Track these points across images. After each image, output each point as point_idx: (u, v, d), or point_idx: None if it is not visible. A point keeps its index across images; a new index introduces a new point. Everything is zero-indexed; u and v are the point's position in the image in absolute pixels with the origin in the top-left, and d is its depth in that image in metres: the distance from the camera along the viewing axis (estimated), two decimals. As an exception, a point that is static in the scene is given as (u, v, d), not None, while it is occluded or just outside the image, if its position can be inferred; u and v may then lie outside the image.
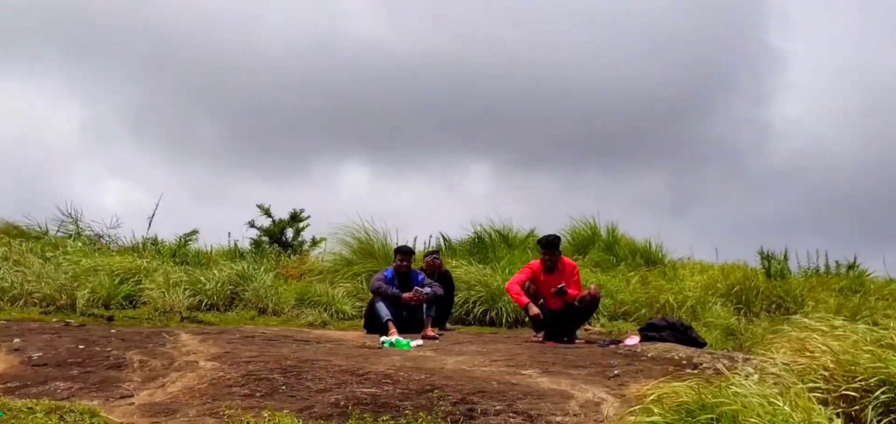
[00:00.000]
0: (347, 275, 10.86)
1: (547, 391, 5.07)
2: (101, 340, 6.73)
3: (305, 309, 9.65)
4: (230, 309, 10.04)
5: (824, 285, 9.50)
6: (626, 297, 8.82)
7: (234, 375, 5.38)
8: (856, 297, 7.74)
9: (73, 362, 5.81)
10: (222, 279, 10.39)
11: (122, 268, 10.67)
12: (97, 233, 13.24)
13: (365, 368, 5.56)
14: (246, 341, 6.99)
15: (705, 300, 8.51)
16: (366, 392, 4.92)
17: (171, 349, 6.42)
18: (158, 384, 5.30)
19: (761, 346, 5.36)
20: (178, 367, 5.72)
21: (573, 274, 7.82)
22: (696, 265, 11.02)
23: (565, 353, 6.59)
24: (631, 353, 6.44)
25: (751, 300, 8.68)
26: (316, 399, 4.84)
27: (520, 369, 5.75)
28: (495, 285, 9.25)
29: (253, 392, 5.00)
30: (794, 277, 10.59)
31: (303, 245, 13.48)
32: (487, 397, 4.84)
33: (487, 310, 9.01)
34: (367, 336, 7.75)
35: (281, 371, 5.47)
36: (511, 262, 10.11)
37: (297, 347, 6.68)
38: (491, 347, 6.92)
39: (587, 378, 5.44)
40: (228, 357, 5.99)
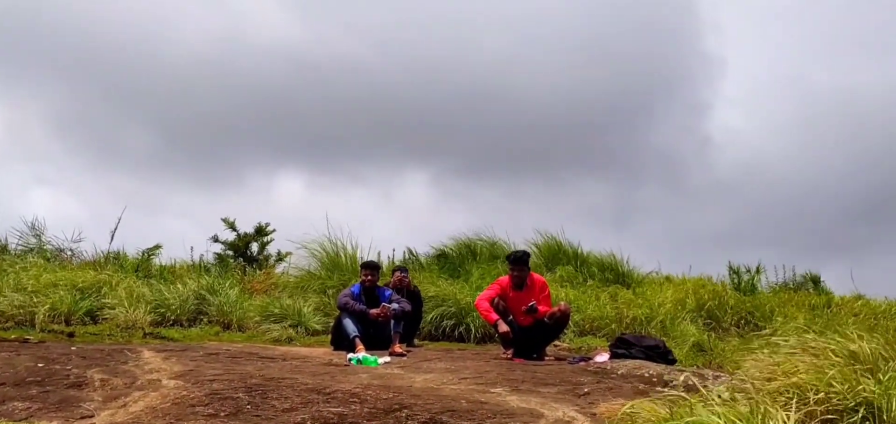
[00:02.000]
0: (314, 289, 10.74)
1: (516, 410, 5.03)
2: (61, 358, 6.54)
3: (271, 324, 9.52)
4: (194, 324, 9.86)
5: (793, 301, 9.61)
6: (595, 313, 8.84)
7: (198, 394, 5.25)
8: (825, 313, 7.79)
9: (31, 381, 5.62)
10: (186, 294, 10.21)
11: (83, 283, 10.43)
12: (59, 248, 12.95)
13: (331, 387, 5.48)
14: (210, 358, 6.85)
15: (675, 315, 8.55)
16: (332, 411, 4.83)
17: (133, 367, 6.27)
18: (120, 403, 5.15)
19: (732, 363, 5.40)
20: (140, 386, 5.58)
21: (543, 290, 7.80)
22: (664, 280, 11.10)
23: (535, 371, 6.56)
24: (601, 370, 6.44)
25: (720, 316, 8.74)
26: (281, 418, 4.74)
27: (489, 387, 5.71)
28: (464, 300, 9.21)
29: (217, 412, 4.88)
30: (764, 293, 10.70)
31: (268, 259, 13.33)
32: (456, 416, 4.79)
33: (456, 325, 8.97)
34: (334, 352, 7.66)
35: (246, 389, 5.36)
36: (480, 277, 10.09)
37: (263, 365, 6.57)
38: (459, 364, 6.86)
39: (557, 396, 5.42)
40: (192, 376, 5.86)
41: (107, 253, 12.58)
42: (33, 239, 12.87)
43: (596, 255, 11.72)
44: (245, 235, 13.22)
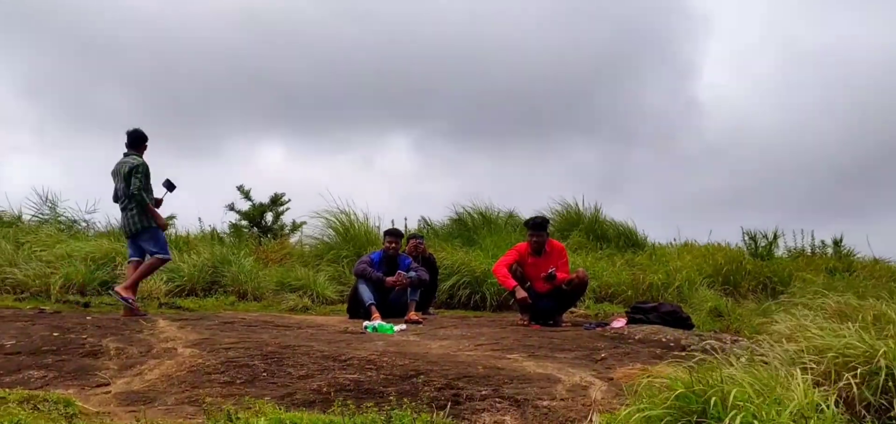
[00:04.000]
0: (329, 259, 10.71)
1: (533, 375, 4.99)
2: (76, 327, 6.55)
3: (286, 293, 9.51)
4: (209, 294, 9.87)
5: (811, 265, 9.46)
6: (612, 279, 8.75)
7: (214, 362, 5.24)
8: (844, 277, 7.65)
9: (47, 350, 5.64)
10: (201, 264, 10.21)
11: (97, 253, 10.45)
12: (73, 219, 12.99)
13: (347, 354, 5.45)
14: (225, 327, 6.84)
15: (692, 281, 8.44)
16: (349, 378, 4.80)
17: (148, 335, 6.27)
18: (136, 371, 5.15)
19: (750, 328, 5.32)
20: (155, 354, 5.57)
21: (561, 256, 7.71)
22: (681, 246, 10.98)
23: (551, 337, 6.51)
24: (618, 336, 6.37)
25: (738, 281, 8.62)
26: (297, 385, 4.72)
27: (505, 353, 5.66)
28: (480, 268, 9.15)
29: (233, 379, 4.87)
30: (781, 258, 10.56)
31: (282, 229, 13.31)
32: (473, 382, 4.75)
33: (472, 294, 8.91)
34: (350, 321, 7.63)
35: (262, 357, 5.35)
36: (495, 245, 10.01)
37: (278, 333, 6.55)
38: (476, 331, 6.82)
39: (574, 361, 5.36)
40: (207, 344, 5.84)
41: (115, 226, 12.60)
42: (47, 210, 12.91)
43: (612, 221, 11.63)
44: (260, 205, 13.20)
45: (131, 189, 7.34)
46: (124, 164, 7.37)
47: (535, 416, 4.32)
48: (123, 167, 7.35)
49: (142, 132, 7.56)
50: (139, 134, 7.52)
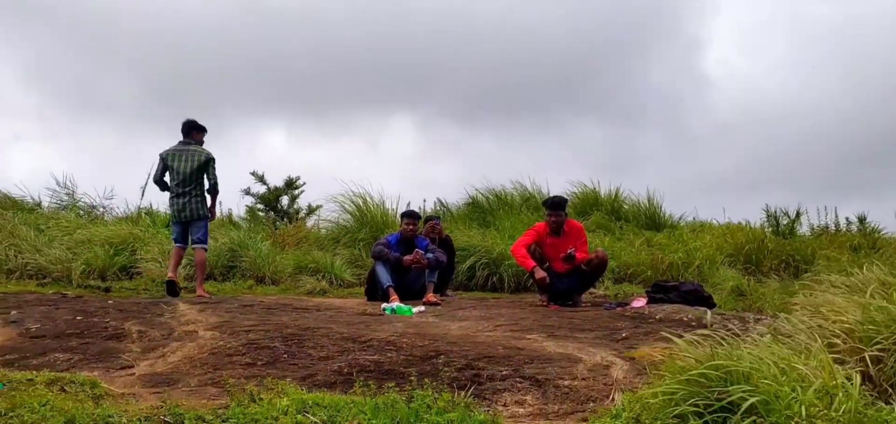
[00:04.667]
0: (345, 242, 10.72)
1: (554, 355, 4.97)
2: (98, 311, 6.62)
3: (304, 276, 9.54)
4: (227, 278, 9.94)
5: (835, 243, 9.31)
6: (631, 260, 8.69)
7: (235, 344, 5.27)
8: (870, 254, 7.51)
9: (71, 333, 5.70)
10: (219, 249, 10.27)
11: (116, 239, 10.54)
12: (91, 204, 13.11)
13: (367, 335, 5.46)
14: (245, 310, 6.88)
15: (712, 260, 8.36)
16: (369, 359, 4.81)
17: (169, 319, 6.32)
18: (158, 354, 5.19)
19: (773, 307, 5.26)
20: (177, 337, 5.61)
21: (580, 236, 7.66)
22: (700, 226, 10.88)
23: (571, 317, 6.48)
24: (638, 315, 6.34)
25: (760, 260, 8.51)
26: (318, 366, 4.73)
27: (525, 333, 5.65)
28: (497, 250, 9.12)
29: (254, 360, 4.89)
30: (804, 236, 10.42)
31: (298, 212, 13.34)
32: (493, 362, 4.75)
33: (490, 275, 8.89)
34: (368, 303, 7.64)
35: (282, 339, 5.37)
36: (512, 226, 9.98)
37: (297, 315, 6.57)
38: (494, 312, 6.80)
39: (594, 341, 5.34)
40: (228, 327, 5.88)
41: (138, 209, 12.70)
42: (66, 196, 13.03)
43: (632, 201, 11.54)
44: (275, 189, 13.23)
45: (212, 180, 7.85)
46: (194, 154, 7.73)
47: (556, 395, 4.31)
48: (196, 156, 7.72)
49: (198, 123, 7.92)
50: (196, 124, 7.85)
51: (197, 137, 7.91)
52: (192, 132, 7.87)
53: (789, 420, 3.23)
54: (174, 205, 7.76)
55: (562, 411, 4.12)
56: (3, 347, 5.35)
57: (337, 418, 3.73)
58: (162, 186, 8.00)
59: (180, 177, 7.68)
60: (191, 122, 7.88)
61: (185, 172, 7.67)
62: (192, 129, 7.86)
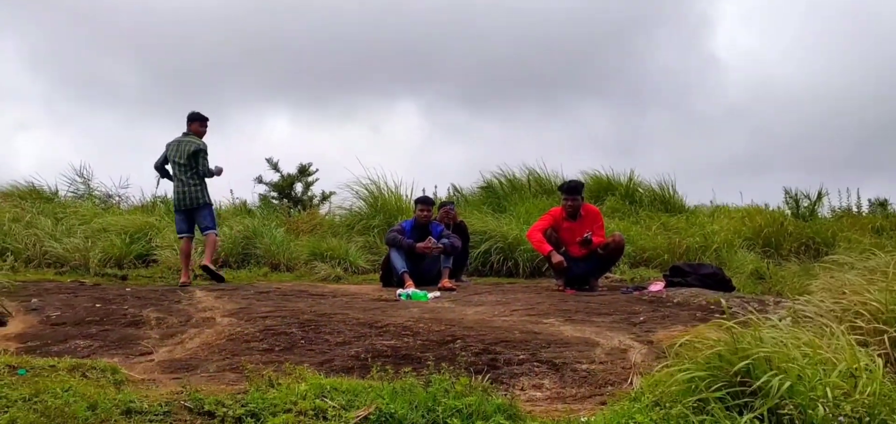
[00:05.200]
0: (359, 229, 10.72)
1: (571, 339, 4.95)
2: (116, 299, 6.67)
3: (319, 263, 9.55)
4: (242, 266, 9.97)
5: (857, 225, 9.15)
6: (647, 244, 8.61)
7: (252, 330, 5.29)
8: (893, 236, 7.34)
9: (91, 320, 5.74)
10: (233, 236, 10.31)
11: (132, 227, 10.61)
12: (107, 193, 13.20)
13: (383, 321, 5.46)
14: (261, 297, 6.90)
15: (730, 243, 8.25)
16: (386, 344, 4.82)
17: (187, 306, 6.35)
18: (177, 341, 5.22)
19: (793, 290, 5.20)
20: (195, 324, 5.64)
21: (596, 220, 7.60)
22: (717, 209, 10.77)
23: (588, 301, 6.45)
24: (656, 299, 6.29)
25: (779, 243, 8.39)
26: (335, 352, 4.74)
27: (541, 318, 5.63)
28: (512, 235, 9.08)
29: (272, 346, 4.91)
30: (824, 218, 10.25)
31: (312, 199, 13.33)
32: (510, 346, 4.73)
33: (505, 260, 8.85)
34: (383, 289, 7.64)
35: (299, 325, 5.39)
36: (527, 212, 9.93)
37: (313, 301, 6.59)
38: (510, 297, 6.79)
39: (612, 325, 5.31)
40: (245, 313, 5.90)
41: (153, 197, 12.77)
42: (82, 185, 13.12)
43: (648, 185, 11.44)
44: (289, 176, 13.23)
45: (202, 170, 8.05)
46: (188, 144, 7.98)
47: (573, 379, 4.29)
48: (190, 146, 7.96)
49: (200, 114, 8.18)
50: (199, 115, 8.15)
51: (194, 128, 8.18)
52: (193, 123, 8.16)
53: (813, 403, 3.19)
54: (176, 193, 8.06)
55: (579, 395, 4.11)
56: (24, 334, 5.41)
57: (355, 402, 3.73)
58: (161, 173, 8.26)
59: (177, 166, 7.98)
60: (192, 114, 8.16)
61: (180, 161, 7.98)
62: (193, 121, 8.15)
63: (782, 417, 3.18)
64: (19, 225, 10.41)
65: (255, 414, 3.56)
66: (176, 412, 3.63)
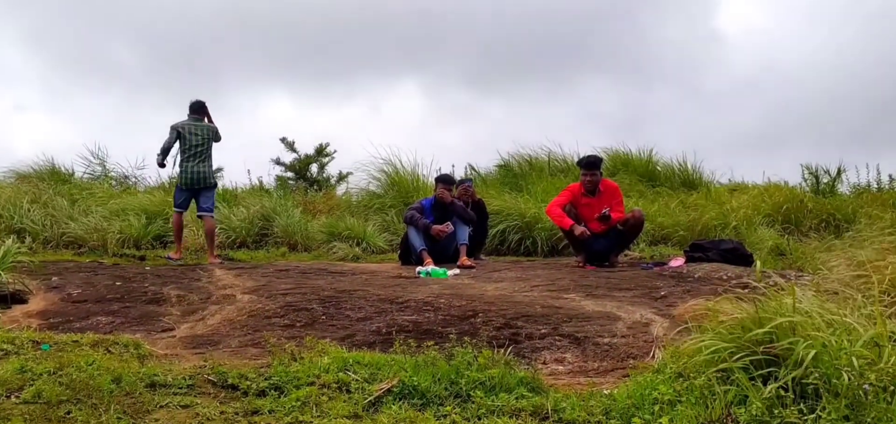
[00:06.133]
0: (376, 208, 10.71)
1: (592, 313, 4.93)
2: (136, 277, 6.71)
3: (336, 243, 9.56)
4: (260, 246, 10.00)
5: (878, 201, 9.04)
6: (666, 221, 8.55)
7: (273, 306, 5.31)
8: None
9: (112, 298, 5.79)
10: (251, 216, 10.34)
11: (150, 208, 10.66)
12: (124, 174, 13.27)
13: (404, 296, 5.46)
14: (280, 275, 6.93)
15: (750, 220, 8.17)
16: (407, 319, 4.82)
17: (207, 283, 6.38)
18: (198, 317, 5.25)
19: (814, 265, 5.14)
20: (215, 301, 5.67)
21: (615, 195, 7.54)
22: (736, 186, 10.68)
23: (608, 277, 6.42)
24: (677, 275, 6.25)
25: (799, 219, 8.29)
26: (357, 327, 4.75)
27: (562, 293, 5.61)
28: (530, 213, 9.04)
29: (293, 322, 4.93)
30: (844, 195, 10.15)
31: (328, 180, 13.34)
32: (532, 321, 4.72)
33: (523, 239, 8.82)
34: (402, 267, 7.64)
35: (319, 301, 5.40)
36: (544, 191, 9.88)
37: (333, 279, 6.60)
38: (530, 273, 6.76)
39: (633, 300, 5.29)
40: (265, 290, 5.92)
41: (170, 178, 12.80)
42: (98, 166, 13.19)
43: (665, 162, 11.36)
44: (305, 156, 13.23)
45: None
46: (206, 127, 8.38)
47: (595, 353, 4.28)
48: (208, 128, 8.38)
49: (203, 102, 8.56)
50: (204, 105, 8.52)
51: (204, 115, 8.52)
52: (199, 111, 8.47)
53: (838, 372, 3.16)
54: (189, 171, 8.26)
55: (602, 368, 4.10)
56: (46, 311, 5.45)
57: (378, 375, 3.73)
58: (165, 155, 8.38)
59: (196, 146, 8.23)
60: (201, 102, 8.48)
61: (200, 142, 8.25)
62: (203, 108, 8.47)
63: (806, 387, 3.16)
64: (36, 206, 10.48)
65: (278, 387, 3.57)
66: (199, 385, 3.65)
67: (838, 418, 2.99)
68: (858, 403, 3.10)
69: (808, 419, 3.01)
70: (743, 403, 3.22)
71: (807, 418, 3.01)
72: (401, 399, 3.49)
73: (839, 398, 3.08)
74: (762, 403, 3.11)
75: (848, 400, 3.09)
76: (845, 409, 3.04)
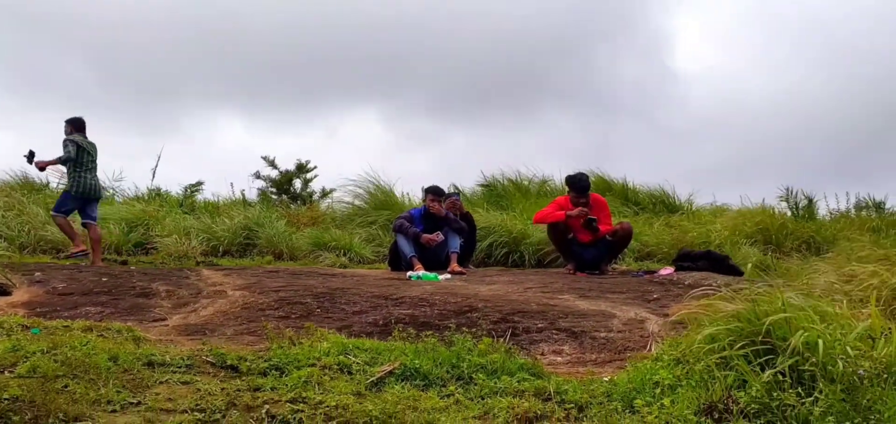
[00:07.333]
0: (361, 222, 10.68)
1: (587, 311, 4.98)
2: (123, 274, 6.63)
3: (322, 252, 9.51)
4: (245, 255, 9.90)
5: (855, 225, 9.31)
6: (651, 240, 8.67)
7: (266, 300, 5.28)
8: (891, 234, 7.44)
9: (99, 292, 5.70)
10: (234, 226, 10.25)
11: (130, 217, 10.54)
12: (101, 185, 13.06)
13: (398, 294, 5.47)
14: (270, 275, 6.88)
15: (733, 240, 8.34)
16: (404, 313, 4.82)
17: (196, 281, 6.32)
18: (190, 309, 5.20)
19: (800, 278, 5.26)
20: (206, 295, 5.62)
21: (603, 209, 7.65)
22: (716, 209, 10.88)
23: (600, 282, 6.47)
24: (667, 281, 6.33)
25: (780, 240, 8.48)
26: (353, 319, 4.74)
27: (556, 294, 5.65)
28: (516, 229, 9.10)
29: (288, 314, 4.91)
30: (823, 219, 10.43)
31: (311, 196, 13.29)
32: (528, 316, 4.76)
33: (510, 253, 8.86)
34: (392, 273, 7.62)
35: (313, 296, 5.38)
36: (529, 211, 9.95)
37: (324, 279, 6.56)
38: (522, 278, 6.79)
39: (626, 301, 5.35)
40: (256, 287, 5.88)
41: (149, 189, 12.68)
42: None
43: (645, 189, 11.55)
44: (287, 172, 13.20)
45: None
46: (95, 144, 8.72)
47: (592, 346, 4.32)
48: (95, 147, 8.72)
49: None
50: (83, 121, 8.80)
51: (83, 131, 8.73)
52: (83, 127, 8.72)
53: (833, 360, 3.25)
54: (86, 183, 8.54)
55: (599, 359, 4.14)
56: (32, 302, 5.35)
57: (378, 359, 3.73)
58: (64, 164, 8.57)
59: (92, 160, 8.60)
60: (83, 120, 8.74)
61: (94, 157, 8.63)
62: (83, 126, 8.71)
63: (803, 373, 3.24)
64: (11, 213, 10.29)
65: (279, 368, 3.56)
66: (198, 365, 3.62)
67: (835, 400, 3.06)
68: (854, 387, 3.18)
69: (806, 402, 3.08)
70: (742, 387, 3.28)
71: (805, 401, 3.08)
72: (403, 381, 3.49)
73: (835, 383, 3.16)
74: (761, 387, 3.17)
75: (844, 386, 3.17)
76: (841, 393, 3.12)
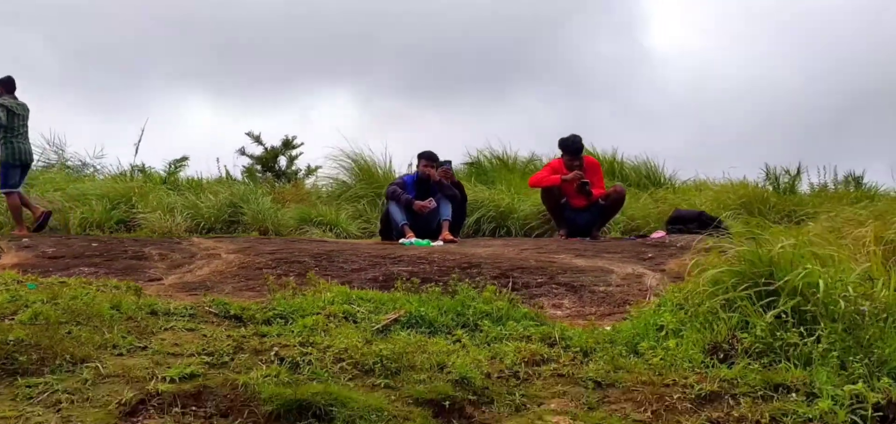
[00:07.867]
0: (347, 198, 10.63)
1: (585, 268, 5.03)
2: (113, 241, 6.58)
3: (310, 228, 9.44)
4: (229, 232, 9.80)
5: (835, 199, 9.49)
6: (637, 213, 8.77)
7: (262, 261, 5.27)
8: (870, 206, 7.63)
9: (91, 254, 5.66)
10: (219, 203, 10.13)
11: (112, 193, 10.37)
12: (82, 162, 12.89)
13: (397, 253, 5.48)
14: (263, 241, 6.86)
15: (718, 213, 8.44)
16: (403, 269, 4.82)
17: (188, 246, 6.28)
18: (186, 270, 5.17)
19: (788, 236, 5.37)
20: (200, 258, 5.59)
21: (596, 172, 7.70)
22: (700, 184, 11.00)
23: (594, 244, 6.54)
24: (660, 244, 6.40)
25: (764, 212, 8.60)
26: (352, 276, 4.75)
27: (552, 254, 5.69)
28: (504, 203, 9.14)
29: (286, 272, 4.87)
30: (804, 194, 10.60)
31: (296, 173, 13.17)
32: (527, 272, 4.79)
33: (497, 227, 8.89)
34: (384, 243, 7.59)
35: (310, 256, 5.38)
36: (516, 187, 9.98)
37: (317, 245, 6.55)
38: (516, 242, 6.84)
39: (622, 259, 5.40)
40: (251, 250, 5.86)
41: (132, 166, 12.48)
42: (54, 154, 12.78)
43: (631, 163, 11.64)
44: (272, 149, 13.06)
45: None
46: (26, 106, 8.33)
47: (592, 299, 4.36)
48: (26, 108, 8.34)
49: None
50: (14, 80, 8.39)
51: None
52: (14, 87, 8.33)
53: (835, 300, 3.31)
54: (19, 149, 8.18)
55: (599, 312, 4.18)
56: (23, 264, 5.27)
57: (383, 308, 3.74)
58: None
59: (23, 124, 8.22)
60: (13, 78, 8.33)
61: (25, 120, 8.26)
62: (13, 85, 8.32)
63: (805, 314, 3.30)
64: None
65: (283, 316, 3.54)
66: (202, 315, 3.59)
67: (837, 338, 3.13)
68: (855, 325, 3.26)
69: (809, 340, 3.14)
70: (745, 328, 3.34)
71: (807, 339, 3.14)
72: (409, 328, 3.50)
73: (837, 322, 3.23)
74: (765, 327, 3.23)
75: (845, 325, 3.25)
76: (843, 332, 3.19)
